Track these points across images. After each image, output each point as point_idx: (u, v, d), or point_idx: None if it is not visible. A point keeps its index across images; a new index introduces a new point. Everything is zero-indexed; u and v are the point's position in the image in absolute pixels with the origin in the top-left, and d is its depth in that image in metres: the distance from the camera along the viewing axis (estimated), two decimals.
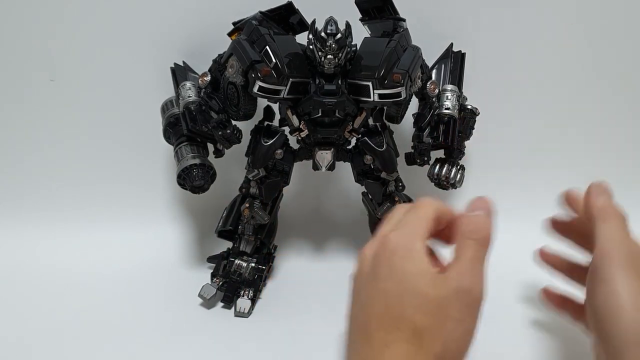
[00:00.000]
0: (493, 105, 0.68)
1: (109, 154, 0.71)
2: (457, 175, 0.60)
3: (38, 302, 0.59)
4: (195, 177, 0.57)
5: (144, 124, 0.69)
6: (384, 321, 0.35)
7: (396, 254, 0.37)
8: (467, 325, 0.36)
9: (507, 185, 0.74)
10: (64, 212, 0.72)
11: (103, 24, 0.66)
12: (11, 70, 0.68)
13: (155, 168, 0.72)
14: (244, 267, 0.61)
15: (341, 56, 0.52)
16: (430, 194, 0.67)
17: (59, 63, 0.67)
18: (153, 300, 0.60)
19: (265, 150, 0.57)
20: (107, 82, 0.68)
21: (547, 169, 0.74)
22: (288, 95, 0.53)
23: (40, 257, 0.67)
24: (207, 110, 0.57)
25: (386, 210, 0.62)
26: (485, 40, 0.68)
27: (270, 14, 0.57)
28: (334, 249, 0.71)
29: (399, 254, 0.37)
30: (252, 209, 0.61)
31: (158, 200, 0.73)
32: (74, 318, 0.56)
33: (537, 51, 0.69)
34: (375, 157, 0.58)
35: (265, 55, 0.52)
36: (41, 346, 0.53)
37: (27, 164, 0.71)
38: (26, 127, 0.70)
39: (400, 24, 0.57)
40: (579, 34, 0.69)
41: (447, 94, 0.59)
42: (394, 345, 0.35)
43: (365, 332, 0.36)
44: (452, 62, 0.62)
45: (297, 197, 0.73)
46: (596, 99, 0.72)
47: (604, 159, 0.74)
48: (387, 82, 0.52)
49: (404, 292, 0.36)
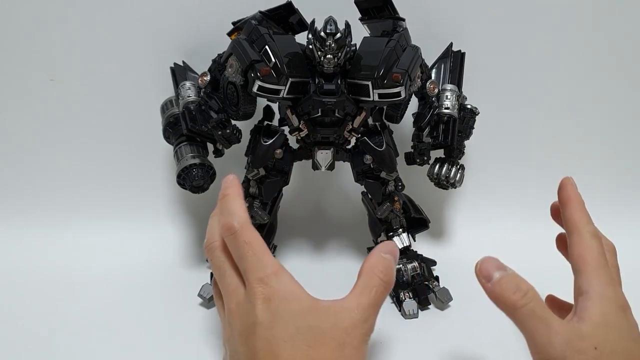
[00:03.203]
0: (493, 104, 0.68)
1: (109, 153, 0.71)
2: (457, 175, 0.60)
3: (38, 302, 0.59)
4: (195, 177, 0.57)
5: (144, 124, 0.69)
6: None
7: (272, 298, 0.37)
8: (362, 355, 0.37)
9: (506, 185, 0.75)
10: (64, 212, 0.72)
11: (103, 23, 0.66)
12: (11, 70, 0.68)
13: (155, 168, 0.72)
14: None
15: (340, 56, 0.52)
16: (430, 194, 0.68)
17: (58, 63, 0.67)
18: (153, 300, 0.60)
19: (265, 150, 0.57)
20: (106, 81, 0.68)
21: (547, 168, 0.74)
22: (287, 95, 0.53)
23: (39, 257, 0.67)
24: (206, 110, 0.57)
25: (386, 210, 0.62)
26: (485, 39, 0.68)
27: (270, 14, 0.57)
28: (333, 249, 0.71)
29: (276, 297, 0.37)
30: (251, 208, 0.61)
31: (158, 200, 0.73)
32: (74, 318, 0.56)
33: (537, 51, 0.69)
34: (374, 157, 0.58)
35: (264, 55, 0.52)
36: (41, 346, 0.53)
37: (26, 163, 0.71)
38: (26, 127, 0.70)
39: (399, 23, 0.57)
40: (579, 33, 0.69)
41: (446, 94, 0.59)
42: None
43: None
44: (452, 61, 0.62)
45: (297, 197, 0.73)
46: (596, 97, 0.72)
47: (604, 158, 0.74)
48: (387, 82, 0.52)
49: (295, 333, 0.36)
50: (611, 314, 0.37)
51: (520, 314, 0.36)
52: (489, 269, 0.37)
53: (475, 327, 0.55)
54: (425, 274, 0.61)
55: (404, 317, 0.58)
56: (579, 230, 0.41)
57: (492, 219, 0.73)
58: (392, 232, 0.63)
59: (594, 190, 0.76)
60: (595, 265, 0.39)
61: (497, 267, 0.37)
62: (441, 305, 0.59)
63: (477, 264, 0.38)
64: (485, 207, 0.75)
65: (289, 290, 0.38)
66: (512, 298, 0.36)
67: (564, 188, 0.44)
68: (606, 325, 0.36)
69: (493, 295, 0.37)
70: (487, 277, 0.37)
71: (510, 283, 0.37)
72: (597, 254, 0.40)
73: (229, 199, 0.43)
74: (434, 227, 0.70)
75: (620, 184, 0.75)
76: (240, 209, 0.42)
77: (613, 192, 0.75)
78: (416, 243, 0.66)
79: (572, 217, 0.42)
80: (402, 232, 0.63)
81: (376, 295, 0.38)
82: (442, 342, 0.54)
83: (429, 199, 0.70)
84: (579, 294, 0.39)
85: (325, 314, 0.37)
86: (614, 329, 0.36)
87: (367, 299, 0.38)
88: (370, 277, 0.39)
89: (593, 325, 0.36)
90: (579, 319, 0.37)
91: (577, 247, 0.40)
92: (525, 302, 0.36)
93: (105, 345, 0.53)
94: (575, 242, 0.41)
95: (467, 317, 0.57)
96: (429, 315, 0.58)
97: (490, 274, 0.37)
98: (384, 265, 0.40)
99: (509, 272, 0.37)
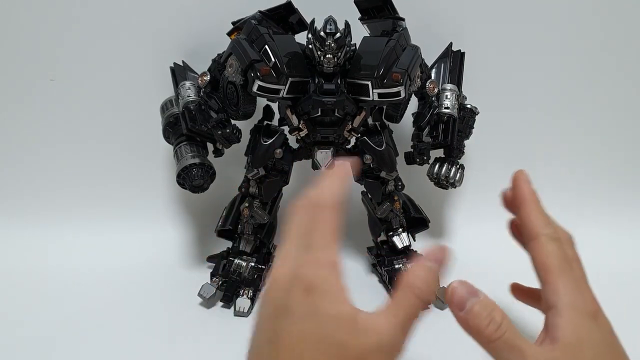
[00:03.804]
0: (492, 104, 0.68)
1: (109, 153, 0.71)
2: (457, 175, 0.60)
3: (38, 301, 0.59)
4: (195, 177, 0.57)
5: (144, 124, 0.69)
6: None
7: (315, 291, 0.33)
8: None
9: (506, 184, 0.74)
10: (64, 212, 0.72)
11: (103, 23, 0.66)
12: (11, 70, 0.68)
13: (155, 168, 0.72)
14: (244, 266, 0.61)
15: (340, 55, 0.52)
16: (430, 193, 0.68)
17: (59, 63, 0.68)
18: (153, 300, 0.60)
19: (265, 150, 0.57)
20: (106, 81, 0.68)
21: (547, 168, 0.74)
22: (287, 95, 0.53)
23: (39, 257, 0.67)
24: (206, 110, 0.57)
25: (386, 209, 0.61)
26: (485, 39, 0.68)
27: (270, 14, 0.57)
28: None
29: (319, 290, 0.33)
30: (251, 208, 0.61)
31: (158, 200, 0.73)
32: (74, 318, 0.56)
33: (537, 50, 0.69)
34: (374, 157, 0.58)
35: (264, 55, 0.52)
36: (41, 346, 0.53)
37: (26, 163, 0.71)
38: (26, 127, 0.70)
39: (399, 23, 0.57)
40: (579, 33, 0.69)
41: (446, 93, 0.59)
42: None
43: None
44: (452, 61, 0.62)
45: (297, 196, 0.73)
46: (596, 97, 0.72)
47: (604, 157, 0.74)
48: (387, 82, 0.52)
49: (322, 338, 0.32)
50: (583, 329, 0.36)
51: (494, 346, 0.35)
52: (462, 295, 0.35)
53: None
54: None
55: None
56: (536, 235, 0.39)
57: (492, 218, 0.72)
58: (392, 232, 0.63)
59: (594, 190, 0.76)
60: (558, 273, 0.38)
61: (470, 293, 0.35)
62: (441, 305, 0.59)
63: (447, 288, 0.36)
64: (485, 206, 0.74)
65: (336, 290, 0.34)
66: (486, 332, 0.35)
67: (517, 186, 0.42)
68: (580, 344, 0.35)
69: (466, 326, 0.35)
70: (459, 306, 0.35)
71: (483, 313, 0.35)
72: (559, 259, 0.38)
73: (333, 178, 0.39)
74: (434, 226, 0.70)
75: (620, 184, 0.75)
76: (339, 190, 0.38)
77: (613, 192, 0.75)
78: (416, 243, 0.66)
79: (528, 221, 0.40)
80: (402, 231, 0.63)
81: (408, 315, 0.34)
82: (442, 342, 0.54)
83: (429, 199, 0.70)
84: (547, 308, 0.37)
85: (355, 328, 0.33)
86: (588, 348, 0.35)
87: (397, 319, 0.34)
88: (405, 293, 0.35)
89: (566, 347, 0.35)
90: (551, 341, 0.36)
91: (537, 255, 0.39)
92: (499, 335, 0.35)
93: (105, 345, 0.53)
94: (534, 250, 0.39)
95: None
96: (429, 315, 0.58)
97: (463, 302, 0.35)
98: (423, 280, 0.35)
99: (481, 299, 0.35)
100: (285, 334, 0.32)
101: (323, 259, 0.34)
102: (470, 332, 0.35)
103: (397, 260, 0.62)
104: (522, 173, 0.42)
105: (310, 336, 0.32)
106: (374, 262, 0.65)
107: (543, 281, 0.38)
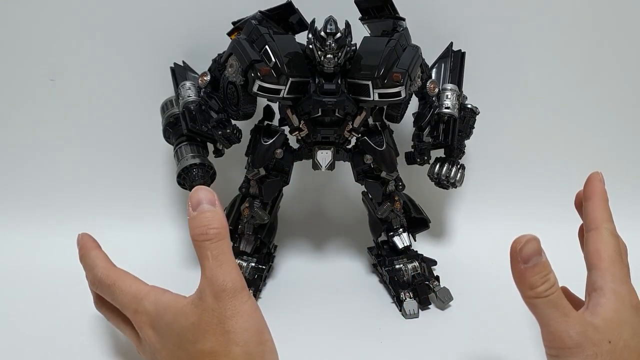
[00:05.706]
0: (493, 104, 0.68)
1: (109, 153, 0.71)
2: (458, 175, 0.60)
3: (38, 302, 0.59)
4: (195, 177, 0.57)
5: (144, 124, 0.69)
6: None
7: (154, 321, 0.42)
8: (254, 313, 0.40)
9: (507, 184, 0.75)
10: (64, 212, 0.72)
11: (103, 23, 0.66)
12: (11, 71, 0.68)
13: (155, 168, 0.72)
14: (244, 266, 0.61)
15: (341, 55, 0.52)
16: (431, 194, 0.68)
17: (59, 63, 0.67)
18: None
19: (265, 150, 0.57)
20: (106, 81, 0.68)
21: (548, 167, 0.74)
22: (288, 95, 0.53)
23: (40, 257, 0.67)
24: (206, 110, 0.57)
25: (386, 209, 0.61)
26: (485, 39, 0.68)
27: (270, 14, 0.57)
28: (333, 248, 0.70)
29: (155, 316, 0.42)
30: (252, 208, 0.61)
31: (158, 200, 0.73)
32: (74, 318, 0.56)
33: (537, 50, 0.69)
34: (375, 157, 0.58)
35: (264, 55, 0.52)
36: (41, 346, 0.53)
37: (26, 163, 0.71)
38: (25, 127, 0.70)
39: (399, 23, 0.57)
40: (579, 33, 0.69)
41: (447, 93, 0.59)
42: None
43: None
44: (452, 61, 0.62)
45: (297, 196, 0.73)
46: (596, 97, 0.72)
47: (604, 157, 0.74)
48: (387, 82, 0.52)
49: (177, 338, 0.39)
50: (624, 312, 0.38)
51: (540, 302, 0.37)
52: (529, 253, 0.37)
53: (475, 327, 0.55)
54: (425, 274, 0.61)
55: (404, 317, 0.58)
56: (597, 226, 0.41)
57: (492, 218, 0.73)
58: (393, 232, 0.63)
59: None
60: (610, 263, 0.39)
61: (537, 252, 0.37)
62: (442, 305, 0.59)
63: (517, 241, 0.37)
64: (485, 206, 0.75)
65: (162, 305, 0.42)
66: (539, 288, 0.37)
67: (590, 182, 0.44)
68: (619, 321, 0.37)
69: (520, 278, 0.37)
70: (525, 259, 0.37)
71: (542, 272, 0.37)
72: (614, 251, 0.40)
73: (84, 256, 0.49)
74: (435, 226, 0.70)
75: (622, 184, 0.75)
76: (97, 259, 0.47)
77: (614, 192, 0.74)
78: (416, 243, 0.66)
79: (593, 213, 0.42)
80: (403, 231, 0.63)
81: (216, 256, 0.42)
82: (442, 342, 0.54)
83: (430, 199, 0.70)
84: (592, 289, 0.39)
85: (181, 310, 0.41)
86: (627, 326, 0.37)
87: (211, 268, 0.41)
88: (197, 249, 0.43)
89: (606, 320, 0.37)
90: (592, 314, 0.38)
91: (594, 243, 0.41)
92: (549, 293, 0.37)
93: (105, 345, 0.53)
94: (592, 238, 0.41)
95: (468, 317, 0.57)
96: (430, 315, 0.58)
97: (530, 256, 0.37)
98: (200, 225, 0.43)
99: (543, 260, 0.37)
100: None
101: (136, 302, 0.44)
102: (522, 285, 0.37)
103: (398, 261, 0.62)
104: (597, 173, 0.45)
105: (173, 347, 0.41)
106: (374, 262, 0.65)
107: (594, 266, 0.40)
